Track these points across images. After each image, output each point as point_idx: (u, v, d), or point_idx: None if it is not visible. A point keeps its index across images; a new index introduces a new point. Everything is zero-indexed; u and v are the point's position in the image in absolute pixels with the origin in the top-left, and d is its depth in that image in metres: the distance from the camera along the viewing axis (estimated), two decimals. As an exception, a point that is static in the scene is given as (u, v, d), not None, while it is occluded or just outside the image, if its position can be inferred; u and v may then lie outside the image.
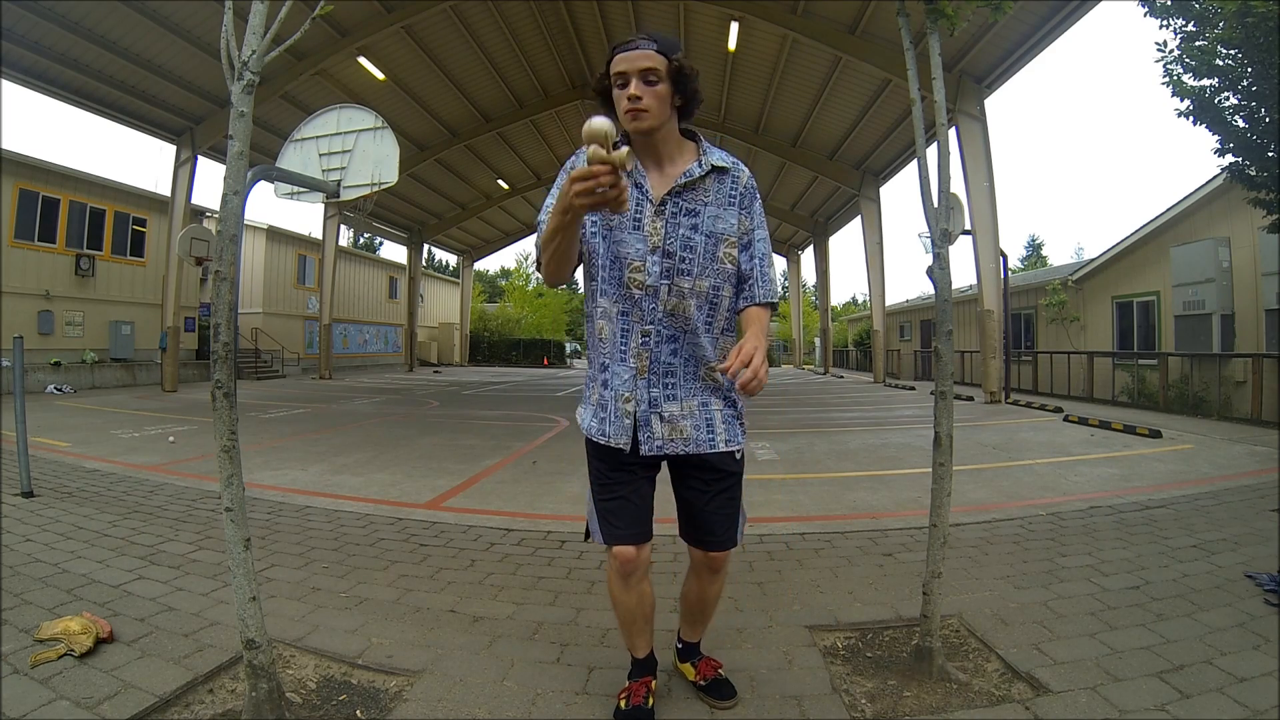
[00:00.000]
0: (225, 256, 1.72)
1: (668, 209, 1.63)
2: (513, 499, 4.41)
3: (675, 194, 1.63)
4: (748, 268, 1.72)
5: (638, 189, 1.63)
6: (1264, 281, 9.10)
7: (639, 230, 1.63)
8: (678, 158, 1.67)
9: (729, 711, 1.84)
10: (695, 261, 1.64)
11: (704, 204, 1.66)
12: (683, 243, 1.63)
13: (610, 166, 1.25)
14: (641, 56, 1.54)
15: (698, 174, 1.64)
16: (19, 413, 4.26)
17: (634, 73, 1.54)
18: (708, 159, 1.67)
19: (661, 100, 1.57)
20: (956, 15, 2.21)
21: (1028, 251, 48.89)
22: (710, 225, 1.66)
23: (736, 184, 1.71)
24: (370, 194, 7.00)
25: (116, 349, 15.50)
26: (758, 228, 1.75)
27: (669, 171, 1.66)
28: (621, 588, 1.72)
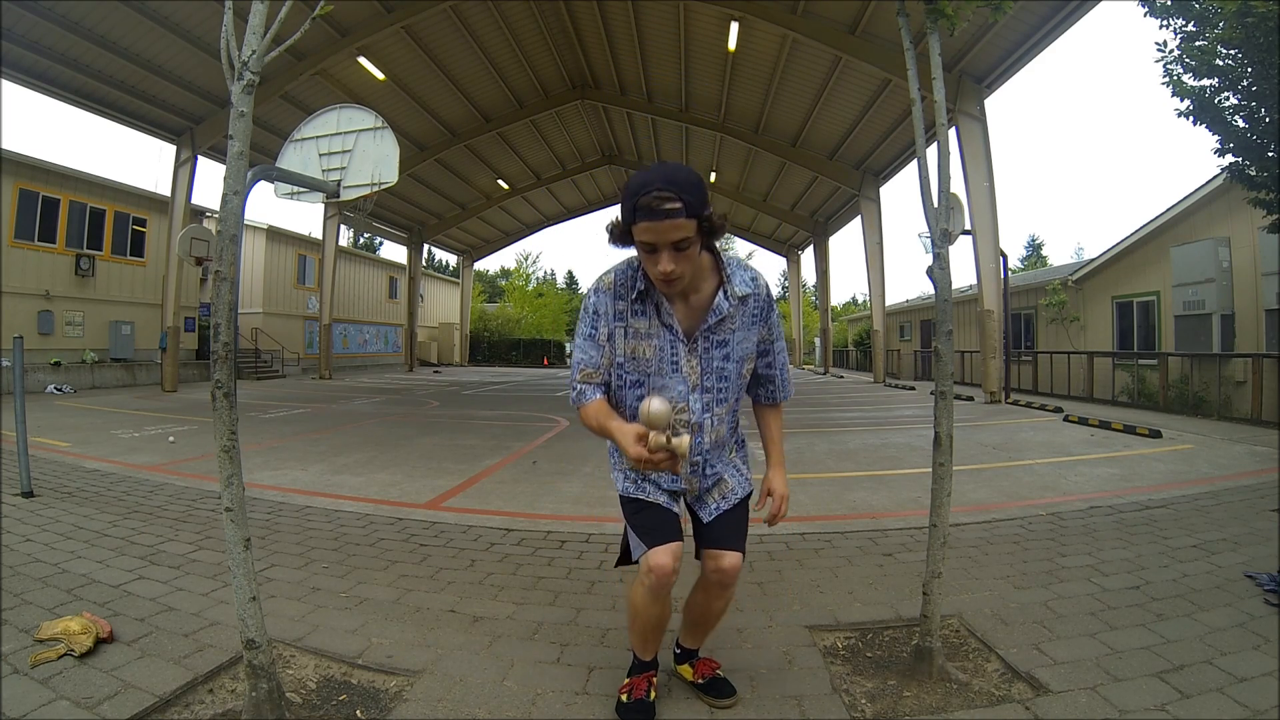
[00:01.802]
0: (225, 256, 1.72)
1: (699, 345, 1.66)
2: (513, 499, 4.41)
3: (707, 330, 1.66)
4: (768, 374, 1.81)
5: (670, 331, 1.65)
6: (1264, 281, 9.10)
7: (678, 372, 1.66)
8: (701, 285, 1.66)
9: (729, 711, 1.84)
10: (729, 389, 1.71)
11: (732, 332, 1.68)
12: (718, 374, 1.68)
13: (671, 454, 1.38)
14: (671, 228, 1.45)
15: (727, 310, 1.65)
16: (19, 413, 4.26)
17: (664, 244, 1.48)
18: (733, 289, 1.66)
19: (692, 259, 1.53)
20: (956, 15, 2.21)
21: (1028, 251, 48.91)
22: (740, 351, 1.71)
23: (758, 300, 1.72)
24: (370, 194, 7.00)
25: (116, 349, 15.50)
26: (777, 338, 1.80)
27: (694, 302, 1.66)
28: (650, 600, 1.70)
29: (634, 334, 1.66)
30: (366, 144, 6.97)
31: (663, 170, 1.49)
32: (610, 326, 1.67)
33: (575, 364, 1.69)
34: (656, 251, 1.49)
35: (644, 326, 1.65)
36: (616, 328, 1.66)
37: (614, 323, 1.66)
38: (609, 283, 1.68)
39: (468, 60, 16.50)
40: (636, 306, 1.65)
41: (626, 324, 1.66)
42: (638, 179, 1.50)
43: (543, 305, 41.17)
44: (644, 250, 1.52)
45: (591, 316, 1.68)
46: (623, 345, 1.66)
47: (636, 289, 1.64)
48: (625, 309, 1.66)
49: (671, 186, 1.45)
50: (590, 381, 1.68)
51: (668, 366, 1.65)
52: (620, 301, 1.66)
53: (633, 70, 17.63)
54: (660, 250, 1.48)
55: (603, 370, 1.68)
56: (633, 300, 1.65)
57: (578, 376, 1.68)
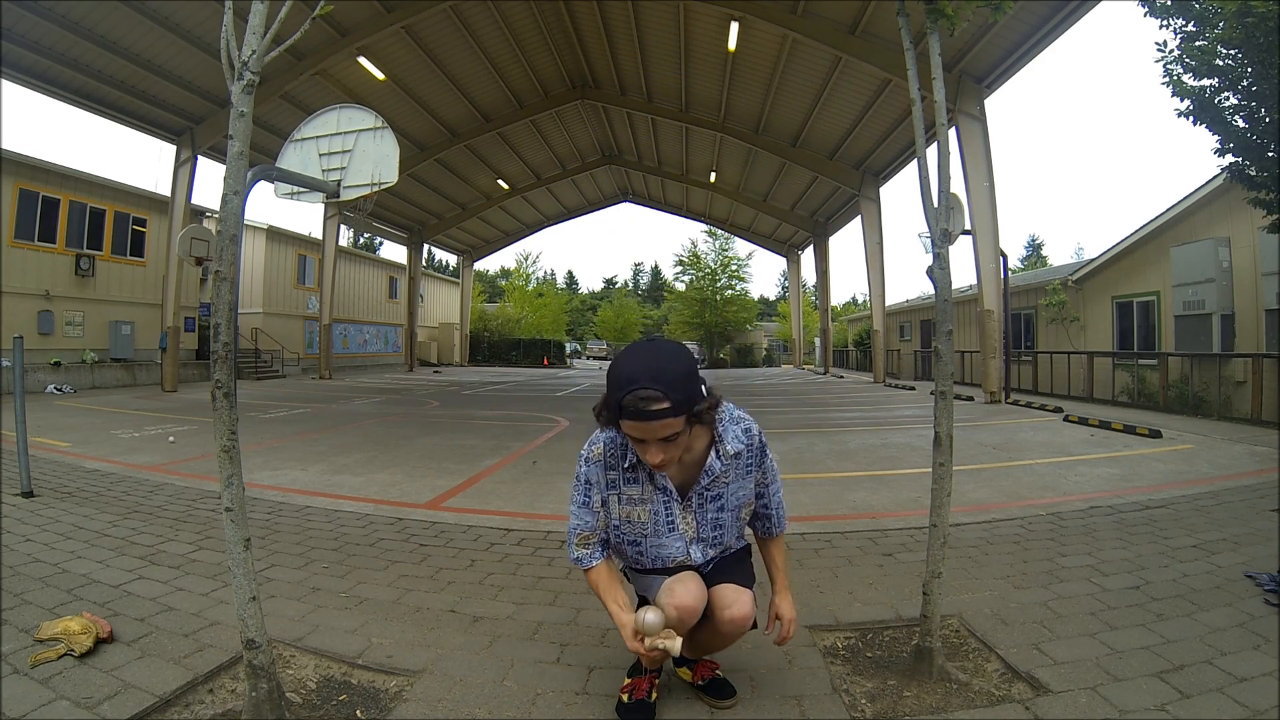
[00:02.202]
0: (225, 256, 1.72)
1: (694, 502, 1.68)
2: (513, 499, 4.41)
3: (701, 489, 1.68)
4: (764, 513, 1.84)
5: (664, 493, 1.67)
6: (1264, 281, 9.09)
7: (674, 530, 1.68)
8: (694, 444, 1.67)
9: (729, 711, 1.84)
10: (726, 534, 1.75)
11: (726, 485, 1.70)
12: (713, 525, 1.71)
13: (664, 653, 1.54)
14: (659, 428, 1.46)
15: (718, 471, 1.67)
16: (19, 413, 4.26)
17: (654, 443, 1.50)
18: (725, 448, 1.67)
19: (681, 445, 1.55)
20: (956, 15, 2.21)
21: (1028, 251, 48.95)
22: (734, 501, 1.73)
23: (751, 452, 1.73)
24: (370, 194, 6.99)
25: (116, 349, 15.49)
26: (772, 480, 1.82)
27: (686, 460, 1.68)
28: None
29: (627, 500, 1.68)
30: (366, 144, 6.97)
31: (650, 364, 1.46)
32: (603, 495, 1.69)
33: (571, 529, 1.72)
34: (645, 443, 1.51)
35: (637, 493, 1.67)
36: (610, 495, 1.68)
37: (606, 491, 1.69)
38: (599, 454, 1.69)
39: (468, 60, 16.50)
40: (629, 475, 1.67)
41: (619, 491, 1.68)
42: (625, 369, 1.48)
43: (543, 305, 41.17)
44: (634, 439, 1.54)
45: (584, 486, 1.70)
46: (617, 511, 1.69)
47: (628, 460, 1.65)
48: (617, 478, 1.68)
49: (658, 385, 1.43)
50: (588, 545, 1.71)
51: (663, 527, 1.67)
52: (611, 471, 1.68)
53: (633, 70, 17.62)
54: (649, 444, 1.50)
55: (599, 531, 1.72)
56: (625, 469, 1.67)
57: (575, 540, 1.71)
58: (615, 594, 1.66)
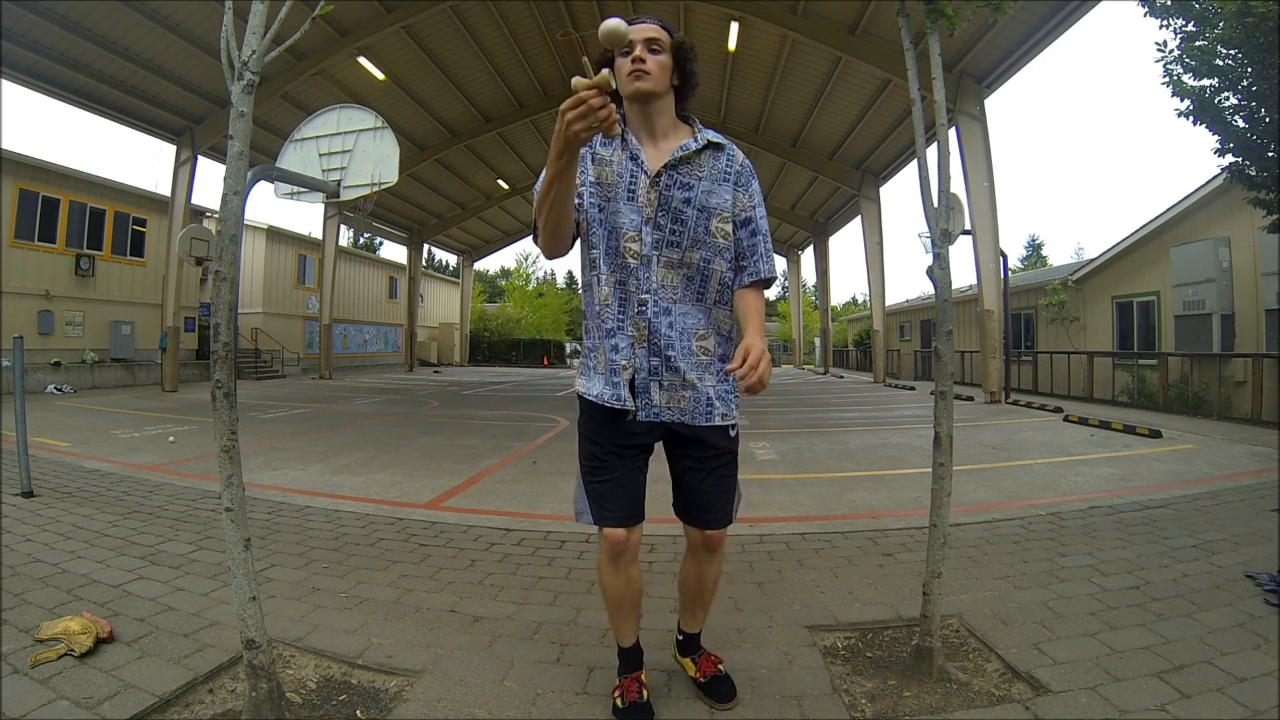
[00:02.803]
0: (225, 256, 1.72)
1: (662, 181, 1.67)
2: (513, 499, 4.41)
3: (671, 167, 1.67)
4: (749, 244, 1.75)
5: (633, 161, 1.67)
6: (1264, 281, 9.10)
7: (633, 201, 1.67)
8: (673, 135, 1.72)
9: (730, 712, 1.84)
10: (684, 234, 1.68)
11: (698, 179, 1.69)
12: (674, 215, 1.67)
13: (596, 89, 1.25)
14: (646, 28, 1.62)
15: (694, 148, 1.68)
16: (19, 413, 4.26)
17: (639, 40, 1.60)
18: (703, 135, 1.72)
19: (663, 68, 1.63)
20: (956, 15, 2.21)
21: (1028, 251, 48.91)
22: (703, 200, 1.69)
23: (732, 162, 1.74)
24: (370, 194, 7.00)
25: (116, 349, 15.49)
26: (757, 206, 1.78)
27: (664, 146, 1.70)
28: (611, 570, 1.73)
29: (599, 160, 1.69)
30: (366, 144, 6.98)
31: None
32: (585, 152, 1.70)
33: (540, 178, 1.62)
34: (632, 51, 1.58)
35: (609, 153, 1.69)
36: (585, 153, 1.69)
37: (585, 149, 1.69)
38: None
39: (468, 60, 16.50)
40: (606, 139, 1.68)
41: (594, 151, 1.69)
42: None
43: (543, 305, 41.15)
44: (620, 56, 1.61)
45: None
46: (590, 171, 1.69)
47: None
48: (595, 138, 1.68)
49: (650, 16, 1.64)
50: None
51: (623, 193, 1.66)
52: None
53: (633, 70, 17.61)
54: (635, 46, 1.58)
55: None
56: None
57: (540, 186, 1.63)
58: None
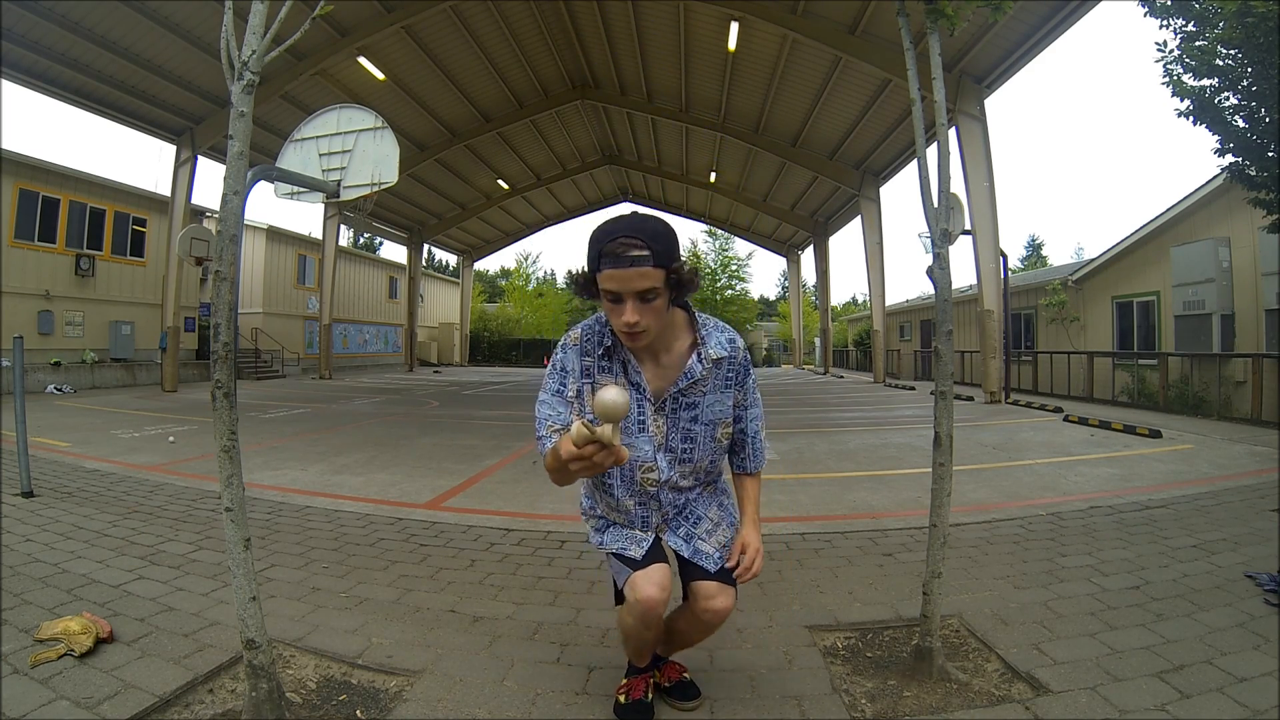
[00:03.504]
0: (225, 256, 1.72)
1: (667, 406, 1.62)
2: (513, 499, 4.41)
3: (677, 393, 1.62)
4: (740, 440, 1.76)
5: (636, 389, 1.60)
6: (1264, 281, 9.10)
7: (644, 432, 1.62)
8: (673, 344, 1.62)
9: (728, 711, 1.84)
10: (696, 450, 1.66)
11: (702, 394, 1.64)
12: (683, 435, 1.64)
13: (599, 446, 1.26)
14: (637, 276, 1.40)
15: (699, 374, 1.61)
16: (19, 413, 4.26)
17: (629, 294, 1.42)
18: (707, 352, 1.61)
19: (659, 313, 1.47)
20: (956, 15, 2.21)
21: (1028, 251, 48.91)
22: (709, 415, 1.66)
23: (733, 365, 1.68)
24: (370, 194, 7.00)
25: (116, 349, 15.49)
26: (752, 405, 1.75)
27: (665, 361, 1.62)
28: (640, 628, 1.66)
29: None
30: (366, 144, 6.98)
31: (631, 219, 1.45)
32: (579, 384, 1.62)
33: (541, 419, 1.61)
34: (621, 302, 1.44)
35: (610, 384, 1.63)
36: (585, 384, 1.62)
37: (581, 380, 1.62)
38: (575, 338, 1.64)
39: (468, 60, 16.50)
40: (603, 363, 1.61)
41: (594, 380, 1.62)
42: (604, 227, 1.46)
43: (543, 305, 41.17)
44: (608, 301, 1.47)
45: (559, 373, 1.64)
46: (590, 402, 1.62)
47: (603, 345, 1.60)
48: (592, 365, 1.62)
49: (639, 234, 1.40)
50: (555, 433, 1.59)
51: (633, 425, 1.61)
52: (587, 358, 1.62)
53: (633, 70, 17.62)
54: (625, 300, 1.43)
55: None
56: (599, 356, 1.61)
57: (544, 430, 1.61)
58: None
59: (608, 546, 1.71)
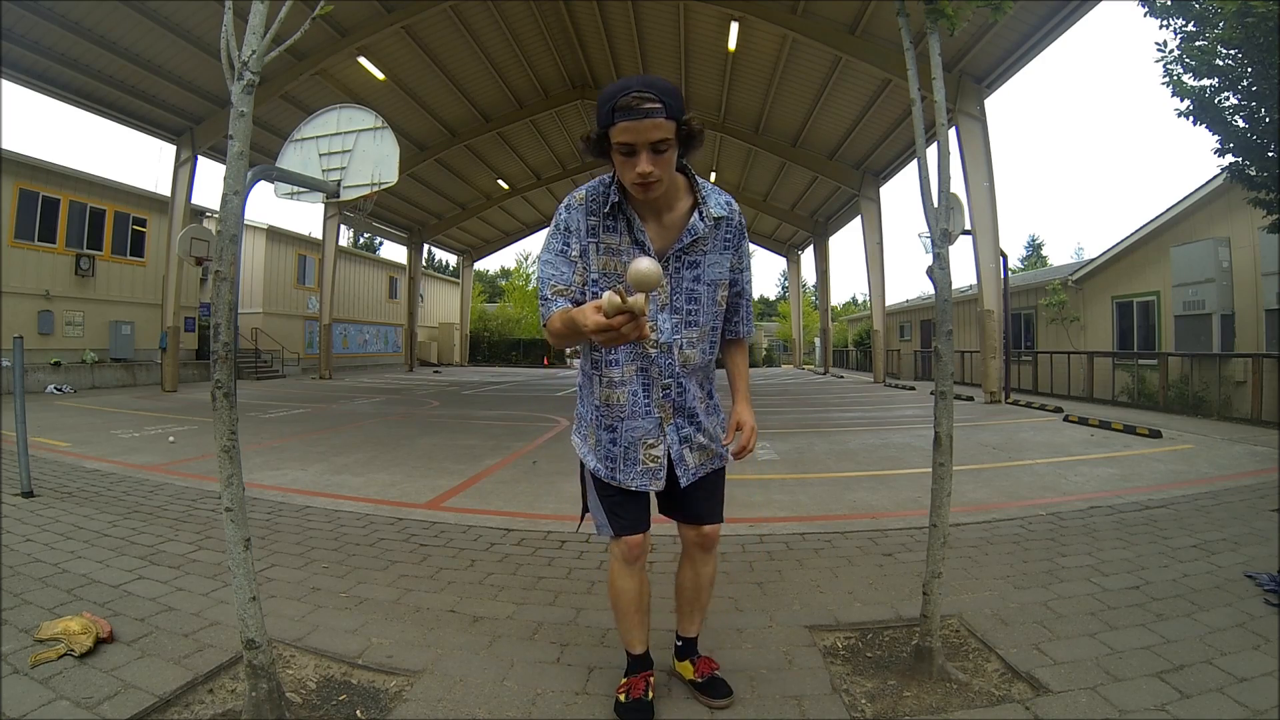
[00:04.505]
0: (225, 256, 1.72)
1: (671, 264, 1.63)
2: (513, 499, 4.41)
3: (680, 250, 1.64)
4: (734, 304, 1.78)
5: (640, 247, 1.62)
6: (1264, 281, 9.10)
7: None
8: (675, 203, 1.65)
9: (728, 711, 1.84)
10: (700, 312, 1.68)
11: (704, 253, 1.67)
12: (688, 295, 1.66)
13: (629, 315, 1.24)
14: (651, 127, 1.43)
15: (701, 231, 1.63)
16: (19, 413, 4.26)
17: (643, 145, 1.45)
18: (708, 210, 1.64)
19: (670, 164, 1.51)
20: (956, 15, 2.21)
21: (1028, 251, 48.90)
22: (711, 274, 1.68)
23: (730, 226, 1.71)
24: (370, 194, 7.00)
25: (116, 349, 15.49)
26: (745, 268, 1.78)
27: (667, 220, 1.64)
28: (626, 573, 1.77)
29: (606, 249, 1.62)
30: (366, 144, 6.98)
31: (640, 76, 1.49)
32: (583, 243, 1.62)
33: (544, 279, 1.60)
34: (635, 154, 1.46)
35: (615, 242, 1.62)
36: (589, 244, 1.62)
37: (586, 239, 1.62)
38: (581, 198, 1.64)
39: (468, 60, 16.50)
40: (609, 222, 1.62)
41: (599, 240, 1.62)
42: (615, 85, 1.49)
43: (543, 305, 41.10)
44: (621, 154, 1.48)
45: (563, 233, 1.62)
46: (595, 261, 1.62)
47: (610, 202, 1.61)
48: (598, 224, 1.63)
49: (650, 89, 1.43)
50: (562, 296, 1.59)
51: None
52: (593, 217, 1.63)
53: (633, 70, 17.61)
54: (639, 151, 1.46)
55: (575, 288, 1.60)
56: (605, 215, 1.62)
57: (548, 292, 1.59)
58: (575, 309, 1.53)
59: (599, 474, 1.73)
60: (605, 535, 1.77)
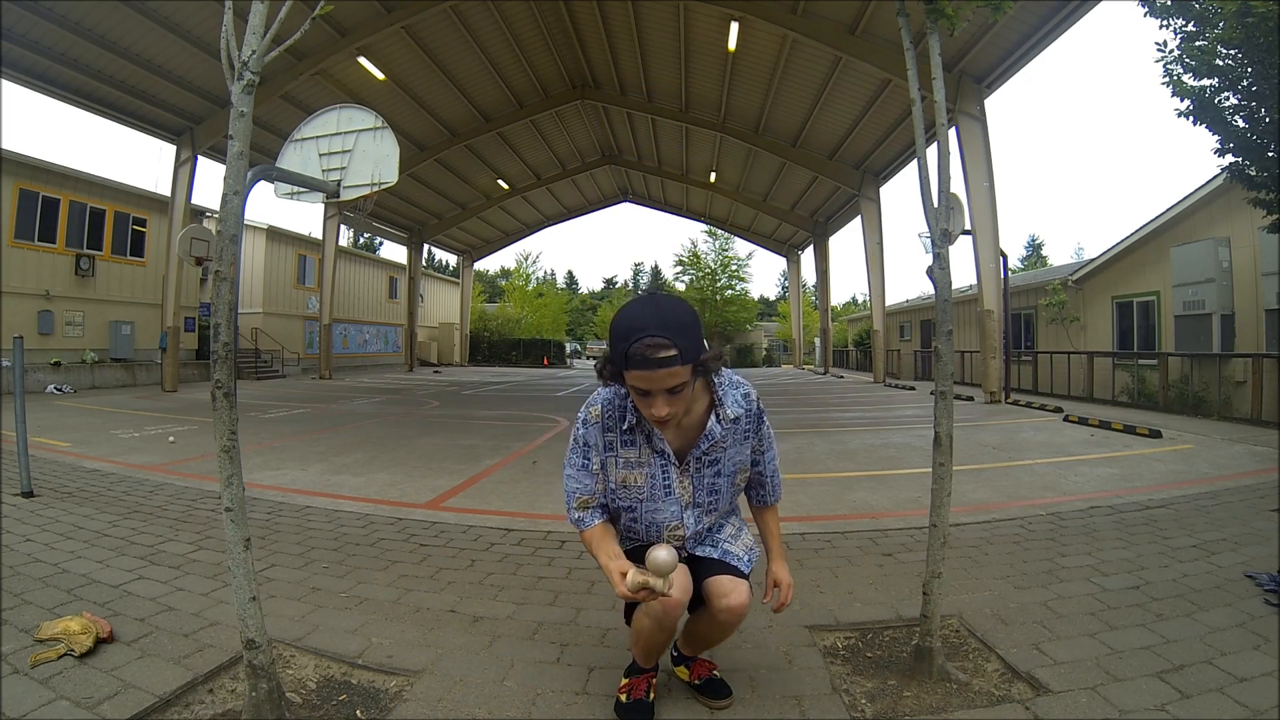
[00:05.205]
0: (225, 256, 1.72)
1: (691, 466, 1.67)
2: (513, 499, 4.41)
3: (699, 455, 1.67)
4: (759, 480, 1.83)
5: (661, 456, 1.65)
6: (1264, 281, 9.09)
7: (670, 494, 1.67)
8: (693, 407, 1.66)
9: (727, 711, 1.84)
10: (721, 500, 1.73)
11: (723, 450, 1.69)
12: (709, 489, 1.70)
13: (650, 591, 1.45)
14: (666, 376, 1.43)
15: (719, 435, 1.66)
16: (19, 413, 4.26)
17: (659, 393, 1.47)
18: (725, 412, 1.66)
19: (686, 399, 1.53)
20: (956, 15, 2.21)
21: (1028, 251, 48.95)
22: (731, 466, 1.72)
23: (749, 419, 1.72)
24: (370, 194, 6.99)
25: (116, 349, 15.49)
26: (768, 448, 1.80)
27: (685, 424, 1.67)
28: (656, 630, 1.68)
29: (625, 464, 1.67)
30: (366, 144, 6.97)
31: (656, 312, 1.46)
32: (601, 457, 1.68)
33: (570, 493, 1.70)
34: (650, 395, 1.48)
35: (634, 456, 1.66)
36: (608, 458, 1.67)
37: (605, 454, 1.68)
38: (597, 415, 1.68)
39: (468, 60, 16.50)
40: (626, 437, 1.66)
41: (617, 454, 1.67)
42: (628, 320, 1.47)
43: (543, 305, 41.18)
44: (638, 394, 1.51)
45: (582, 448, 1.69)
46: (614, 475, 1.68)
47: (627, 422, 1.64)
48: (615, 440, 1.67)
49: (664, 332, 1.42)
50: (587, 508, 1.70)
51: (660, 491, 1.66)
52: (610, 434, 1.67)
53: (633, 70, 17.62)
54: (654, 395, 1.47)
55: (598, 495, 1.70)
56: (623, 431, 1.66)
57: (574, 503, 1.70)
58: (608, 547, 1.61)
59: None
60: None
